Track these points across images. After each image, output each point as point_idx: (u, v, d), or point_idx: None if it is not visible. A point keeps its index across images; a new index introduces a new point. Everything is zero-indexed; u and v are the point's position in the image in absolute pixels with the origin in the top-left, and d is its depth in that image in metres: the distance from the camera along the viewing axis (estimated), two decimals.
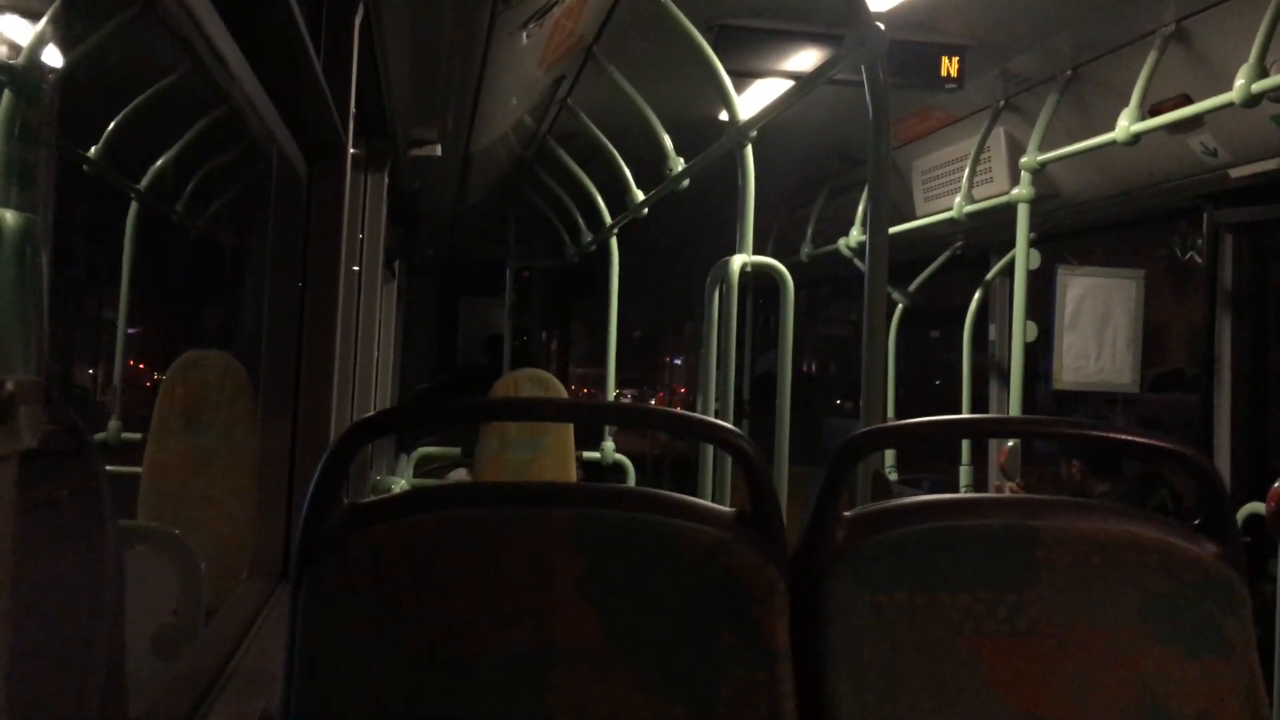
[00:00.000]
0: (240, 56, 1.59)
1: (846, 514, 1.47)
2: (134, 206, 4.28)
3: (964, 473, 5.30)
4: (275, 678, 1.56)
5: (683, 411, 1.76)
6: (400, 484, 5.00)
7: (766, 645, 1.38)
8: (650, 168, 4.59)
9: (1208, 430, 4.22)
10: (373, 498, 1.41)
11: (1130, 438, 1.54)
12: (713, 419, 1.63)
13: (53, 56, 0.78)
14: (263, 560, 2.19)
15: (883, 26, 2.62)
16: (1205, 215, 4.21)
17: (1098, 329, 4.55)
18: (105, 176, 3.85)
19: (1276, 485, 3.03)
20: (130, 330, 4.47)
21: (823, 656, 1.39)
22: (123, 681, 1.34)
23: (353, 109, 2.28)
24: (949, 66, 3.92)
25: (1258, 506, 3.79)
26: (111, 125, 3.66)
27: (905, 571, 1.42)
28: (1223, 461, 4.17)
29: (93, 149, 3.66)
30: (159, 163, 4.01)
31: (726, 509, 1.46)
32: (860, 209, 5.57)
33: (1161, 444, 1.55)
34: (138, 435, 3.95)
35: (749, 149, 3.52)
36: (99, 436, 4.18)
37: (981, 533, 1.44)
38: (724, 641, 1.37)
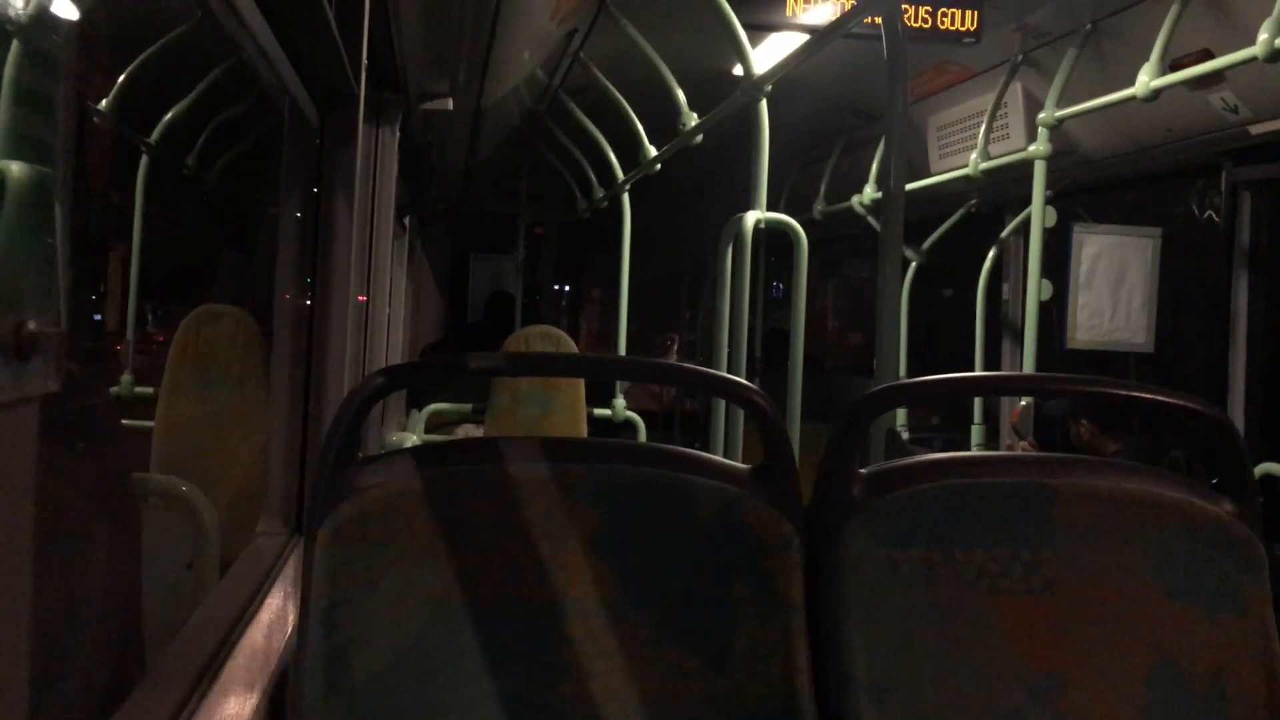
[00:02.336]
0: (253, 4, 1.57)
1: (862, 470, 1.47)
2: (145, 160, 4.27)
3: (975, 432, 5.29)
4: (290, 628, 1.57)
5: (699, 368, 1.75)
6: (412, 440, 4.99)
7: (781, 599, 1.38)
8: (663, 122, 4.55)
9: (1222, 389, 4.20)
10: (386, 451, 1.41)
11: (1149, 395, 1.53)
12: (728, 375, 1.62)
13: (64, 8, 0.77)
14: (276, 513, 2.20)
15: None
16: (1224, 172, 4.17)
17: (1113, 288, 4.51)
18: (117, 129, 3.83)
19: None
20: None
21: (837, 611, 1.39)
22: (140, 629, 1.35)
23: (364, 59, 2.26)
24: (967, 20, 3.87)
25: (1273, 466, 3.79)
26: (122, 77, 3.64)
27: (921, 528, 1.41)
28: (1237, 421, 4.15)
29: (104, 101, 3.64)
30: (170, 115, 3.99)
31: (741, 465, 1.45)
32: (875, 165, 5.52)
33: (1181, 401, 1.54)
34: (150, 389, 3.96)
35: (763, 103, 3.48)
36: (112, 390, 4.19)
37: (998, 490, 1.44)
38: (739, 595, 1.37)
